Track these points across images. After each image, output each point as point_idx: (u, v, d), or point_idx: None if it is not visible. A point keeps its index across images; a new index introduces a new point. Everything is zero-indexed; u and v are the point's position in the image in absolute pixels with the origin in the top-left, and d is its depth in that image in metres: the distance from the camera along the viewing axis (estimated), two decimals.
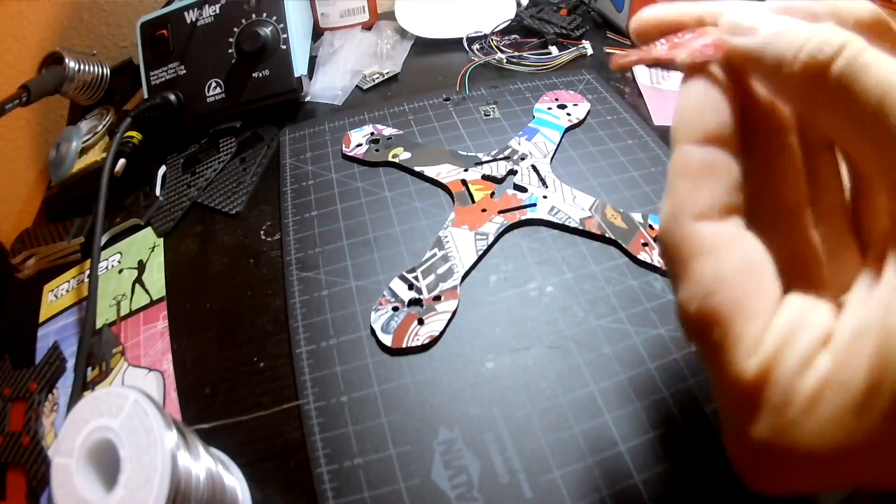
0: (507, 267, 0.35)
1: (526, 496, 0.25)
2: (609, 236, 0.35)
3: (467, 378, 0.29)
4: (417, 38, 0.58)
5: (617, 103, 0.47)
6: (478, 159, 0.41)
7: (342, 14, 0.59)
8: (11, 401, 0.32)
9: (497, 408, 0.28)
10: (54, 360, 0.33)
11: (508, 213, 0.37)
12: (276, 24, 0.47)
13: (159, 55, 0.48)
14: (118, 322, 0.35)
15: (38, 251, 0.40)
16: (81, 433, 0.20)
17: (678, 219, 0.14)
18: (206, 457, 0.23)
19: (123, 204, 0.43)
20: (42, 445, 0.29)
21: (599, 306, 0.32)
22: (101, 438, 0.20)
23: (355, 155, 0.43)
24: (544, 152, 0.42)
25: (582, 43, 0.55)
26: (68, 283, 0.38)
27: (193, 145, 0.48)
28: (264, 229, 0.39)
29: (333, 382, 0.30)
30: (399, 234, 0.37)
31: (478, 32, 0.56)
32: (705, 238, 0.14)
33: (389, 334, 0.31)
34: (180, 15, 0.48)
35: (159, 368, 0.32)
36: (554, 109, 0.46)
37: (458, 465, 0.26)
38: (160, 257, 0.38)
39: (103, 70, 0.50)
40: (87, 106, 0.52)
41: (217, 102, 0.47)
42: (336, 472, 0.26)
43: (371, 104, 0.49)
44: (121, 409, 0.20)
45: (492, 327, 0.31)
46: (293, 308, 0.33)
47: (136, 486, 0.19)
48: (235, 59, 0.47)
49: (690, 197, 0.14)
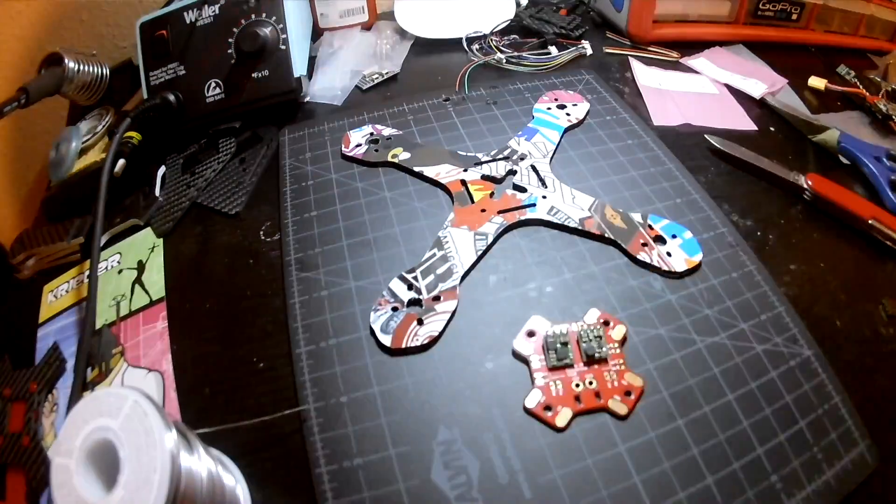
0: (506, 267, 0.35)
1: (525, 496, 0.25)
2: (608, 236, 0.35)
3: (467, 378, 0.29)
4: (417, 38, 0.58)
5: (616, 103, 0.47)
6: (477, 159, 0.42)
7: (341, 14, 0.59)
8: (11, 401, 0.32)
9: (497, 408, 0.28)
10: (54, 360, 0.33)
11: (508, 213, 0.37)
12: (276, 25, 0.47)
13: (159, 55, 0.48)
14: (118, 322, 0.35)
15: (37, 251, 0.40)
16: (81, 434, 0.20)
17: None
18: (206, 457, 0.23)
19: (123, 204, 0.43)
20: (42, 446, 0.29)
21: (599, 306, 0.32)
22: (101, 439, 0.20)
23: (355, 155, 0.43)
24: (544, 152, 0.42)
25: (581, 43, 0.55)
26: (68, 284, 0.38)
27: (193, 145, 0.48)
28: (264, 230, 0.39)
29: (333, 383, 0.30)
30: (398, 235, 0.37)
31: (477, 32, 0.56)
32: None
33: (389, 335, 0.31)
34: (180, 15, 0.48)
35: (159, 369, 0.32)
36: (553, 109, 0.46)
37: (458, 466, 0.26)
38: (160, 258, 0.38)
39: (103, 70, 0.50)
40: (86, 106, 0.52)
41: (216, 103, 0.47)
42: (336, 472, 0.26)
43: (370, 104, 0.49)
44: (120, 409, 0.20)
45: (491, 327, 0.31)
46: (293, 308, 0.33)
47: (135, 486, 0.19)
48: (235, 60, 0.47)
49: None
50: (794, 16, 0.57)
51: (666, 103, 0.49)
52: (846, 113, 0.50)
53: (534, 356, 0.28)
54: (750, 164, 0.42)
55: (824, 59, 0.57)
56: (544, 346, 0.28)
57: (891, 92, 0.50)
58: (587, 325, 0.29)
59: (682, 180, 0.40)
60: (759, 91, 0.50)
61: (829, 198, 0.39)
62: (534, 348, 0.28)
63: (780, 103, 0.48)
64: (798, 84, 0.52)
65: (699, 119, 0.47)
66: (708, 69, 0.54)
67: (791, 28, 0.58)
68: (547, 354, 0.28)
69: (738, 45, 0.58)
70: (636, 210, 0.37)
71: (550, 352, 0.28)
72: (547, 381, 0.27)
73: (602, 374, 0.27)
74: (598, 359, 0.28)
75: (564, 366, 0.27)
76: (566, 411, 0.26)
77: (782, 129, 0.47)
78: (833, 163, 0.44)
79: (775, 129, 0.47)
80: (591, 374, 0.27)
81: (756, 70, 0.54)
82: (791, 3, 0.56)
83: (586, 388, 0.27)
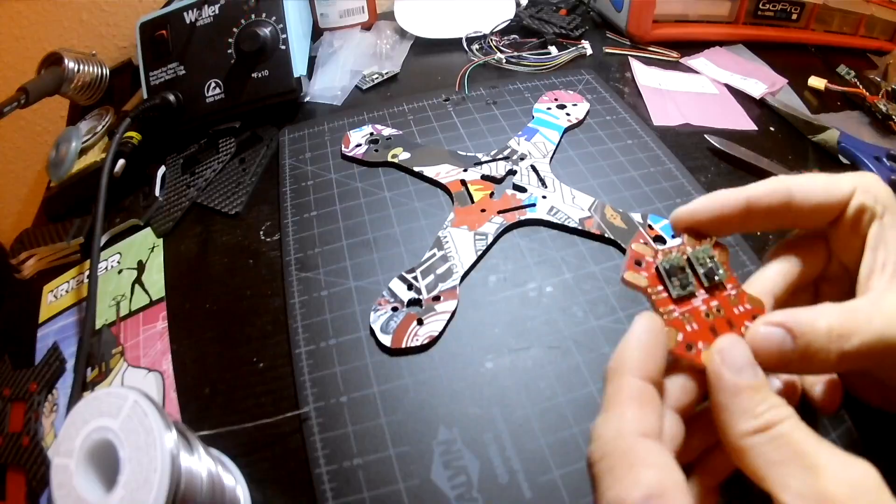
0: (506, 267, 0.35)
1: (525, 496, 0.25)
2: (608, 236, 0.35)
3: (467, 378, 0.29)
4: (417, 38, 0.58)
5: (616, 103, 0.47)
6: (477, 159, 0.42)
7: (341, 14, 0.59)
8: (11, 401, 0.32)
9: (497, 408, 0.28)
10: (54, 360, 0.33)
11: (508, 213, 0.37)
12: (276, 25, 0.47)
13: (159, 56, 0.48)
14: (118, 322, 0.35)
15: (37, 251, 0.40)
16: (81, 433, 0.20)
17: (625, 434, 0.17)
18: (206, 457, 0.23)
19: (123, 204, 0.43)
20: (42, 446, 0.29)
21: (599, 306, 0.32)
22: (101, 439, 0.20)
23: (354, 155, 0.43)
24: (543, 152, 0.42)
25: (581, 43, 0.55)
26: (68, 284, 0.38)
27: (193, 146, 0.48)
28: (264, 229, 0.39)
29: (333, 383, 0.30)
30: (398, 235, 0.37)
31: (477, 32, 0.56)
32: (649, 451, 0.16)
33: (389, 334, 0.31)
34: (180, 15, 0.48)
35: (159, 369, 0.32)
36: (553, 109, 0.46)
37: (458, 466, 0.26)
38: (160, 258, 0.38)
39: (103, 70, 0.50)
40: (86, 106, 0.52)
41: (216, 103, 0.47)
42: (335, 472, 0.26)
43: (370, 104, 0.49)
44: (120, 409, 0.20)
45: (491, 327, 0.31)
46: (292, 308, 0.33)
47: (135, 486, 0.19)
48: (235, 60, 0.47)
49: (637, 418, 0.17)
50: (794, 16, 0.57)
51: (666, 103, 0.49)
52: (846, 113, 0.50)
53: (651, 288, 0.23)
54: (750, 164, 0.42)
55: (824, 59, 0.57)
56: (659, 273, 0.24)
57: (891, 92, 0.50)
58: (696, 246, 0.24)
59: (682, 180, 0.40)
60: (759, 91, 0.50)
61: None
62: (647, 279, 0.23)
63: (779, 103, 0.48)
64: (798, 84, 0.52)
65: (699, 119, 0.47)
66: (708, 69, 0.54)
67: (791, 28, 0.58)
68: (669, 283, 0.23)
69: (738, 45, 0.58)
70: (636, 210, 0.37)
71: (672, 279, 0.23)
72: (676, 315, 0.22)
73: (726, 299, 0.23)
74: (718, 282, 0.23)
75: (689, 294, 0.23)
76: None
77: (782, 129, 0.47)
78: (833, 163, 0.44)
79: (775, 128, 0.47)
80: (717, 301, 0.23)
81: (756, 70, 0.54)
82: (791, 3, 0.56)
83: (717, 317, 0.23)
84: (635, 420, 0.17)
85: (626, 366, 0.18)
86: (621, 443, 0.17)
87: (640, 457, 0.16)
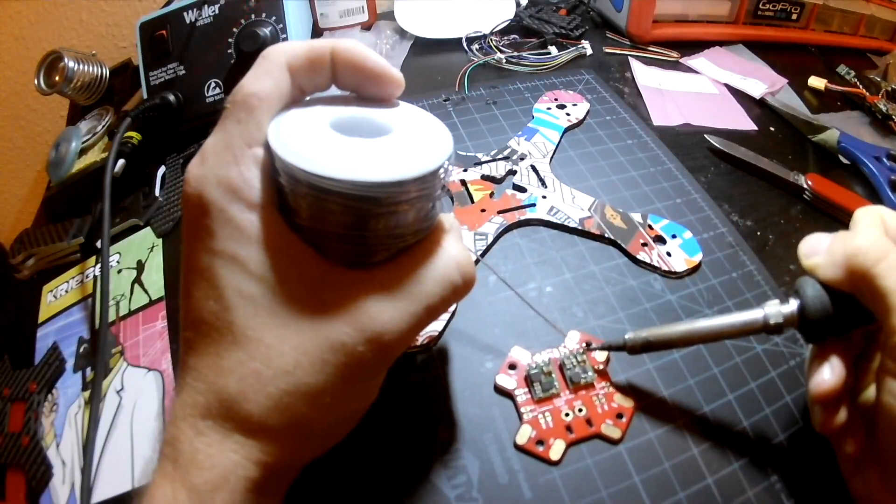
0: (506, 267, 0.35)
1: (525, 496, 0.25)
2: (608, 236, 0.35)
3: (467, 378, 0.29)
4: (417, 38, 0.58)
5: (616, 103, 0.47)
6: (477, 159, 0.41)
7: (341, 14, 0.59)
8: (11, 401, 0.32)
9: (497, 408, 0.28)
10: (53, 360, 0.33)
11: (508, 213, 0.37)
12: (276, 25, 0.47)
13: (159, 55, 0.47)
14: (117, 322, 0.35)
15: (37, 251, 0.40)
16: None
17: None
18: None
19: (123, 204, 0.43)
20: (41, 445, 0.29)
21: (599, 306, 0.32)
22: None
23: None
24: (543, 152, 0.42)
25: (581, 43, 0.55)
26: (67, 284, 0.38)
27: (193, 145, 0.47)
28: None
29: None
30: None
31: (477, 32, 0.56)
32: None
33: None
34: (179, 15, 0.47)
35: (158, 368, 0.32)
36: (553, 109, 0.46)
37: (458, 466, 0.26)
38: (159, 257, 0.38)
39: (103, 70, 0.50)
40: (86, 106, 0.52)
41: (216, 102, 0.47)
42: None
43: None
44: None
45: (491, 327, 0.31)
46: None
47: (412, 138, 0.19)
48: (235, 60, 0.47)
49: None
50: (794, 16, 0.57)
51: (666, 103, 0.49)
52: (846, 113, 0.50)
53: (518, 390, 0.27)
54: (750, 164, 0.42)
55: (824, 59, 0.57)
56: (528, 378, 0.27)
57: (891, 92, 0.50)
58: (569, 350, 0.28)
59: (682, 180, 0.40)
60: (759, 91, 0.50)
61: (829, 198, 0.39)
62: (517, 382, 0.27)
63: (779, 103, 0.48)
64: (798, 84, 0.52)
65: (699, 119, 0.47)
66: (708, 69, 0.54)
67: (791, 28, 0.58)
68: (532, 387, 0.27)
69: (738, 45, 0.58)
70: (636, 210, 0.37)
71: (535, 384, 0.27)
72: (535, 415, 0.26)
73: (591, 399, 0.26)
74: (585, 384, 0.27)
75: (551, 396, 0.26)
76: (559, 443, 0.26)
77: (782, 128, 0.47)
78: (833, 163, 0.44)
79: (775, 129, 0.47)
80: (580, 401, 0.26)
81: (756, 70, 0.54)
82: (791, 3, 0.56)
83: (577, 416, 0.26)
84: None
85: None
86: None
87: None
